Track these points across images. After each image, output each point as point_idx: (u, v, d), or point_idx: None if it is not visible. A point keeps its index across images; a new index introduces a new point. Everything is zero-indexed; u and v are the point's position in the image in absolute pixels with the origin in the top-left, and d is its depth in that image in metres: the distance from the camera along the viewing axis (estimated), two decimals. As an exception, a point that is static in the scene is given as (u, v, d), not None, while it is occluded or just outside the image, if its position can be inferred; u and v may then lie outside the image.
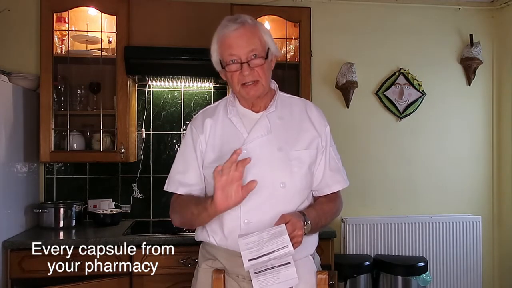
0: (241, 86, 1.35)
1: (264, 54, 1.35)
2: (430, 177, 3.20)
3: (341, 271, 2.65)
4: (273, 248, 1.18)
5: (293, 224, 1.22)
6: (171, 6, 2.67)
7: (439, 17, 3.22)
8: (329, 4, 3.11)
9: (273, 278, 1.21)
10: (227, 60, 1.34)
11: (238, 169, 1.19)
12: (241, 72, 1.33)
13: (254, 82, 1.35)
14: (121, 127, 2.59)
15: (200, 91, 2.97)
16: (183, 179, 1.43)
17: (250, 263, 1.18)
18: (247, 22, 1.34)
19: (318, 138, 1.42)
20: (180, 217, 1.43)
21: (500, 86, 3.25)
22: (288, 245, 1.18)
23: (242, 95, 1.38)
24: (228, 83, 1.42)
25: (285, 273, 1.22)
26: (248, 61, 1.32)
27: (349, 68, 3.00)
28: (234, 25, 1.32)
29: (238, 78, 1.34)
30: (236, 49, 1.32)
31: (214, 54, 1.39)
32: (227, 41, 1.33)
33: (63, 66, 2.69)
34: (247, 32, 1.33)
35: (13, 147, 2.40)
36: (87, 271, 2.24)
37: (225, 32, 1.33)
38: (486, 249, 3.23)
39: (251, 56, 1.32)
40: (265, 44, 1.36)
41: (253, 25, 1.35)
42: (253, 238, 1.21)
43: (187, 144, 1.45)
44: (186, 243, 2.29)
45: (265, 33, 1.38)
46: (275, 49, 1.40)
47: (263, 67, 1.35)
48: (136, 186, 2.89)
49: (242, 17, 1.35)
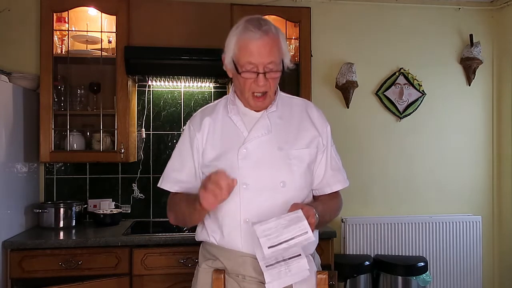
0: (251, 94, 1.34)
1: (280, 67, 1.34)
2: (430, 177, 3.20)
3: (341, 271, 2.65)
4: (292, 234, 1.14)
5: (307, 211, 1.21)
6: (171, 6, 2.67)
7: (439, 17, 3.22)
8: (329, 4, 3.11)
9: (285, 271, 1.18)
10: (244, 66, 1.31)
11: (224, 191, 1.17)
12: (256, 81, 1.31)
13: (263, 94, 1.35)
14: (121, 127, 2.59)
15: (200, 91, 2.97)
16: (178, 177, 1.44)
17: (271, 251, 1.13)
18: (271, 31, 1.30)
19: (318, 137, 1.42)
20: (174, 216, 1.45)
21: (500, 86, 3.25)
22: (308, 231, 1.14)
23: (250, 103, 1.38)
24: (236, 85, 1.40)
25: (297, 265, 1.19)
26: (265, 72, 1.30)
27: (349, 68, 3.00)
28: (258, 32, 1.28)
29: (250, 86, 1.33)
30: (256, 58, 1.29)
31: (229, 54, 1.35)
32: (249, 48, 1.29)
33: (63, 66, 2.69)
34: (271, 41, 1.29)
35: (13, 147, 2.40)
36: (87, 271, 2.25)
37: (248, 37, 1.28)
38: (486, 249, 3.23)
39: (268, 68, 1.30)
40: (283, 55, 1.34)
41: (276, 35, 1.32)
42: (270, 224, 1.16)
43: (184, 142, 1.46)
44: (186, 243, 2.29)
45: (284, 44, 1.35)
46: (288, 61, 1.38)
47: (276, 79, 1.35)
48: (136, 186, 2.89)
49: (267, 23, 1.31)
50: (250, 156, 1.34)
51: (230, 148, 1.36)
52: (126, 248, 2.29)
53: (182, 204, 1.38)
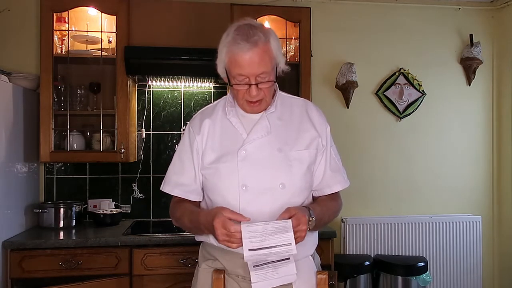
0: (246, 102, 1.35)
1: (273, 75, 1.33)
2: (430, 177, 3.20)
3: (341, 271, 2.65)
4: (275, 243, 1.16)
5: (298, 218, 1.21)
6: (171, 6, 2.67)
7: (439, 17, 3.22)
8: (329, 4, 3.11)
9: (272, 273, 1.19)
10: (236, 78, 1.31)
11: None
12: (249, 91, 1.31)
13: (259, 101, 1.34)
14: (121, 127, 2.59)
15: (200, 91, 2.97)
16: (178, 180, 1.44)
17: (250, 254, 1.15)
18: (260, 41, 1.27)
19: (318, 138, 1.41)
20: (177, 223, 1.46)
21: (500, 86, 3.25)
22: (292, 244, 1.16)
23: (245, 109, 1.38)
24: (231, 91, 1.40)
25: (284, 269, 1.20)
26: (257, 83, 1.30)
27: (349, 68, 3.00)
28: (246, 44, 1.25)
29: (244, 96, 1.34)
30: (246, 70, 1.28)
31: (220, 64, 1.35)
32: (238, 60, 1.27)
33: (63, 66, 2.70)
34: (260, 52, 1.27)
35: (13, 147, 2.40)
36: (87, 271, 2.25)
37: (236, 51, 1.27)
38: (486, 249, 3.23)
39: (260, 78, 1.30)
40: (275, 62, 1.33)
41: (266, 43, 1.28)
42: (257, 227, 1.17)
43: (184, 145, 1.45)
44: (186, 243, 2.29)
45: (276, 48, 1.32)
46: (283, 64, 1.37)
47: (270, 87, 1.34)
48: (136, 186, 2.89)
49: (256, 34, 1.27)
50: (250, 158, 1.33)
51: (230, 150, 1.36)
52: (126, 248, 2.29)
53: (184, 220, 1.39)
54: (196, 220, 1.32)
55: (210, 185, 1.38)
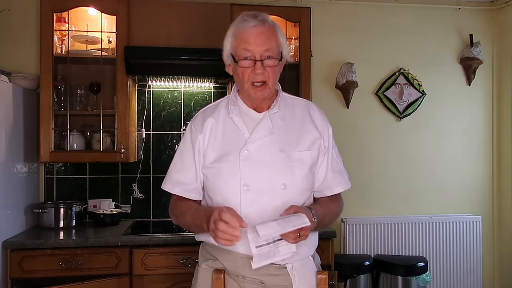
0: (251, 85, 1.34)
1: (278, 56, 1.34)
2: (430, 177, 3.20)
3: (341, 271, 2.65)
4: (293, 225, 1.18)
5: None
6: (171, 6, 2.67)
7: (439, 17, 3.22)
8: (329, 4, 3.11)
9: (274, 252, 1.21)
10: (241, 55, 1.32)
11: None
12: (254, 69, 1.31)
13: (263, 84, 1.34)
14: (121, 127, 2.59)
15: (200, 91, 2.97)
16: (179, 178, 1.43)
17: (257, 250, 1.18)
18: (267, 21, 1.33)
19: (320, 139, 1.41)
20: (177, 221, 1.46)
21: (500, 86, 3.25)
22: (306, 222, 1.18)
23: (250, 94, 1.36)
24: (236, 80, 1.40)
25: (285, 247, 1.22)
26: (262, 60, 1.31)
27: (349, 68, 3.00)
28: (254, 21, 1.31)
29: (249, 76, 1.33)
30: (252, 45, 1.30)
31: (226, 47, 1.37)
32: (244, 36, 1.31)
33: (63, 66, 2.70)
34: (266, 30, 1.32)
35: (13, 147, 2.40)
36: (87, 271, 2.25)
37: (243, 26, 1.32)
38: (486, 249, 3.23)
39: (265, 55, 1.31)
40: (280, 46, 1.36)
41: (272, 26, 1.35)
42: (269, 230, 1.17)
43: (185, 144, 1.45)
44: (186, 243, 2.29)
45: (281, 36, 1.37)
46: (287, 53, 1.40)
47: (274, 69, 1.34)
48: (136, 186, 2.89)
49: (263, 15, 1.34)
50: (252, 158, 1.33)
51: (232, 149, 1.35)
52: (126, 248, 2.29)
53: (187, 217, 1.38)
54: (199, 216, 1.31)
55: (211, 185, 1.38)
